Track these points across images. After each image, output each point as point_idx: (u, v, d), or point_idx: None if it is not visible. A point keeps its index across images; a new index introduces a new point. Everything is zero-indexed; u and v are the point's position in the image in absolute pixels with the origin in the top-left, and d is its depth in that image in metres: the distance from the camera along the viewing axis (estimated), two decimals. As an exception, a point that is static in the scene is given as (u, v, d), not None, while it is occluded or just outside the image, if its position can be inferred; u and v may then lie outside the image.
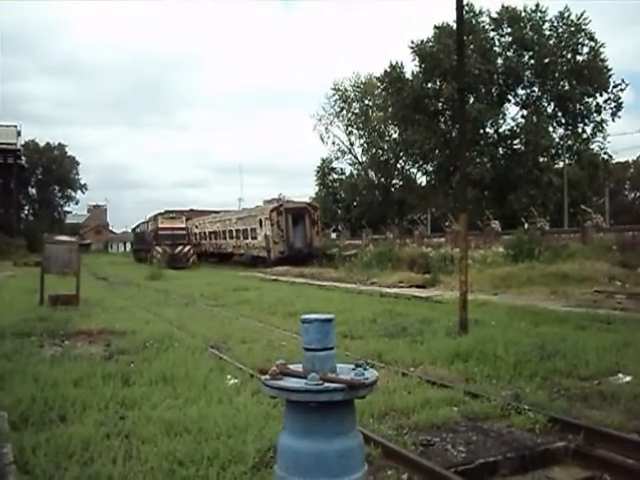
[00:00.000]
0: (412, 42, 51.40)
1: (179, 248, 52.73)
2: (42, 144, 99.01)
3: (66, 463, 5.44)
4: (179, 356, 10.14)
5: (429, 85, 51.78)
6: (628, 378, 8.68)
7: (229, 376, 8.90)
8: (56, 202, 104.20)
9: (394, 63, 54.74)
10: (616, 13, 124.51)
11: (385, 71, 55.79)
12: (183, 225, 56.74)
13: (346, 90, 69.44)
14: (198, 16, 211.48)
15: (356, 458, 3.10)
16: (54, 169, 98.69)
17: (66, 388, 7.85)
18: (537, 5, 49.35)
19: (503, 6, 50.24)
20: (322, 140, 70.51)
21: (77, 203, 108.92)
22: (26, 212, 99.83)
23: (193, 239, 60.84)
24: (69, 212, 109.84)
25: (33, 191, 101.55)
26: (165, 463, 5.43)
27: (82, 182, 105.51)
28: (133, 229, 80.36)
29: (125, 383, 8.40)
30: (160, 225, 54.89)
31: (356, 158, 70.73)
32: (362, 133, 69.33)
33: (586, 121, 50.20)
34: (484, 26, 50.59)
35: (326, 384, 3.00)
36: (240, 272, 42.33)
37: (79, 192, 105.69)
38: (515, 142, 50.94)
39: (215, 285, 28.63)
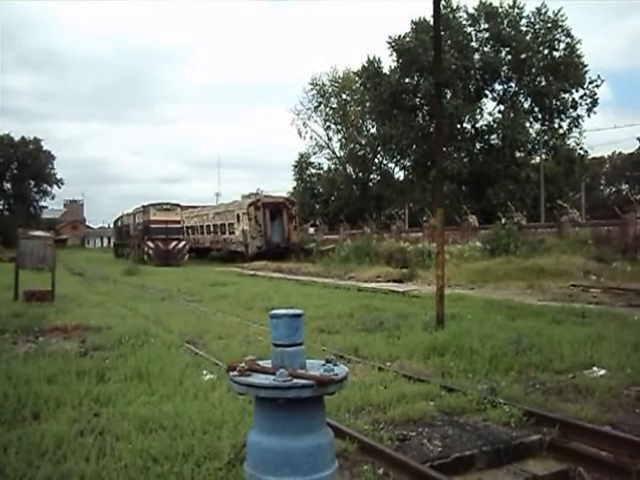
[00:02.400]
0: (390, 37, 51.49)
1: (173, 243, 48.63)
2: (17, 138, 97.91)
3: (38, 461, 5.37)
4: (155, 352, 10.07)
5: (406, 80, 51.82)
6: (602, 371, 8.75)
7: (205, 372, 8.86)
8: (32, 197, 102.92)
9: (372, 58, 54.82)
10: (596, 11, 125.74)
11: (363, 66, 55.81)
12: (178, 218, 51.50)
13: (324, 85, 69.41)
14: (178, 10, 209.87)
15: (326, 455, 3.06)
16: (29, 163, 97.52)
17: (40, 385, 7.76)
18: (514, 1, 49.61)
19: (480, 2, 50.41)
20: (300, 135, 70.49)
21: (53, 198, 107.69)
22: (1, 207, 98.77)
23: None
24: (45, 207, 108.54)
25: (8, 186, 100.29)
26: (139, 460, 5.38)
27: (58, 177, 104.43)
28: (114, 222, 74.38)
29: (100, 379, 8.32)
30: (152, 217, 49.39)
31: (334, 153, 70.81)
32: (340, 128, 69.31)
33: (562, 117, 50.56)
34: (461, 22, 50.70)
35: (294, 380, 2.97)
36: (218, 267, 42.22)
37: (55, 187, 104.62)
38: (492, 137, 51.13)
39: (192, 280, 28.52)
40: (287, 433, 3.00)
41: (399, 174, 62.79)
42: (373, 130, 63.06)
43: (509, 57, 49.93)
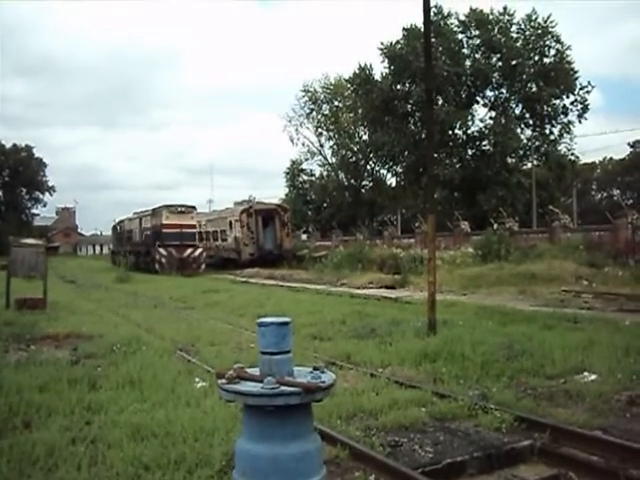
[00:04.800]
0: (381, 44, 51.69)
1: (189, 251, 43.63)
2: (9, 145, 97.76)
3: (29, 470, 5.37)
4: (147, 359, 10.05)
5: (398, 87, 51.98)
6: (593, 376, 8.77)
7: (197, 379, 8.85)
8: (23, 204, 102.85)
9: (363, 65, 55.00)
10: (587, 18, 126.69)
11: (354, 72, 56.01)
12: (194, 222, 46.21)
13: (316, 91, 69.57)
14: (171, 16, 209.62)
15: (314, 462, 3.08)
16: (21, 171, 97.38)
17: (31, 394, 7.74)
18: (505, 8, 49.98)
19: (471, 9, 50.74)
20: (292, 141, 70.69)
21: (45, 205, 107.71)
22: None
23: None
24: (37, 215, 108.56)
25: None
26: (131, 468, 5.38)
27: (50, 184, 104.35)
28: (113, 227, 67.41)
29: (92, 387, 8.31)
30: (164, 221, 43.81)
31: (326, 159, 70.94)
32: (332, 134, 69.44)
33: (553, 122, 50.80)
34: (452, 28, 50.92)
35: (282, 388, 3.00)
36: (210, 274, 42.12)
37: (47, 194, 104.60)
38: (484, 143, 51.35)
39: (184, 287, 28.47)
40: (275, 440, 3.01)
41: (391, 180, 63.05)
42: (365, 137, 63.31)
43: (500, 63, 50.16)
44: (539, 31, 48.88)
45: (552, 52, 49.04)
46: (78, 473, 5.27)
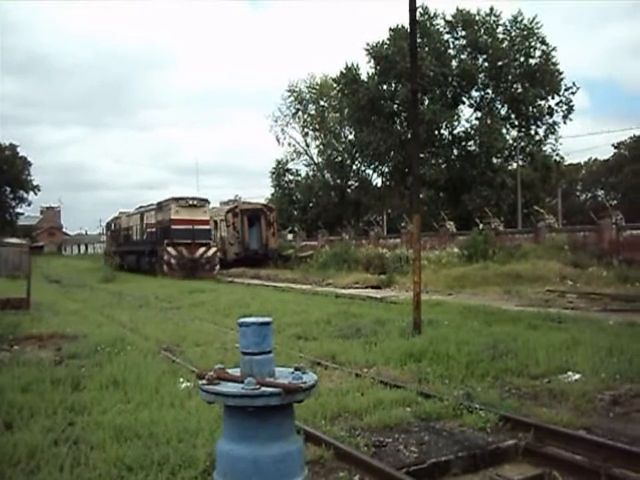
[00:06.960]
0: (367, 44, 51.68)
1: (201, 250, 38.66)
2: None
3: (10, 472, 5.32)
4: (131, 360, 9.99)
5: (384, 87, 51.98)
6: (577, 376, 8.81)
7: (181, 379, 8.81)
8: (7, 203, 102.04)
9: (350, 64, 54.95)
10: (575, 20, 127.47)
11: (341, 72, 55.88)
12: (207, 217, 40.95)
13: (301, 91, 69.49)
14: (160, 16, 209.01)
15: (295, 463, 3.07)
16: (5, 170, 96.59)
17: (13, 394, 7.68)
18: (491, 9, 50.00)
19: (458, 9, 50.74)
20: (278, 141, 70.46)
21: (29, 205, 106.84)
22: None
23: None
24: (21, 214, 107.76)
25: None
26: (114, 469, 5.34)
27: (35, 183, 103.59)
28: (107, 224, 62.45)
29: (75, 388, 8.26)
30: (174, 216, 38.52)
31: (312, 159, 70.81)
32: (318, 134, 69.34)
33: (539, 123, 50.94)
34: (439, 29, 50.96)
35: (263, 388, 2.98)
36: (196, 274, 41.92)
37: (31, 193, 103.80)
38: (469, 143, 51.43)
39: (170, 287, 28.36)
40: (256, 441, 3.00)
41: (377, 180, 63.01)
42: (351, 136, 63.23)
43: (486, 64, 50.25)
44: (525, 32, 49.00)
45: (537, 53, 49.18)
46: (60, 474, 5.23)
